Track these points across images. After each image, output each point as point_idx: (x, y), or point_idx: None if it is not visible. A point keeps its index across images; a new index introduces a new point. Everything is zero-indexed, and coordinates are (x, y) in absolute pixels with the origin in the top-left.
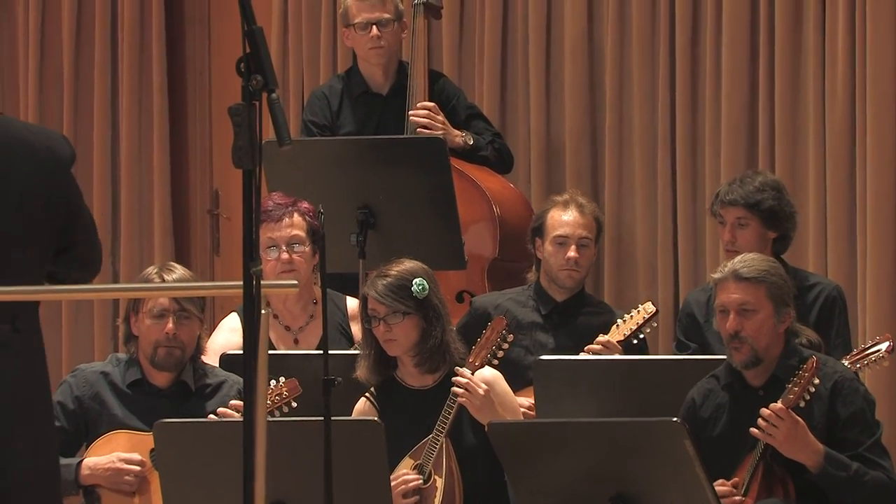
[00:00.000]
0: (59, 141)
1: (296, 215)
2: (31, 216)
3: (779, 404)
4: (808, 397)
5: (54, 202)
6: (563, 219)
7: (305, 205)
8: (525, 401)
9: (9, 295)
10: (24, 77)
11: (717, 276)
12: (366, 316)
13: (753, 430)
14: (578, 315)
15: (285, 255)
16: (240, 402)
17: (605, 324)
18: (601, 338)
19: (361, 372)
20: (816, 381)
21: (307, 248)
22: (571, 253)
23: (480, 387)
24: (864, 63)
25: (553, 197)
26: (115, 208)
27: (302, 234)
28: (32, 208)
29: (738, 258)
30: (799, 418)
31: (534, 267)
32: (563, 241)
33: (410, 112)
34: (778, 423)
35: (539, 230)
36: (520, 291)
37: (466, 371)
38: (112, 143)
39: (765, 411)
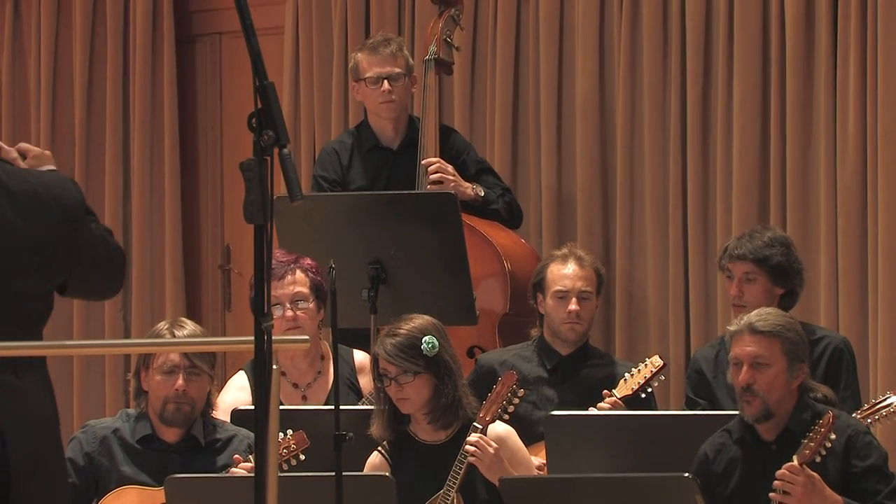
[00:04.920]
0: (68, 185)
1: (298, 272)
2: (46, 267)
3: (792, 462)
4: (823, 452)
5: (63, 247)
6: (563, 272)
7: (307, 261)
8: (536, 460)
9: (21, 350)
10: (35, 130)
11: (732, 328)
12: (378, 374)
13: (772, 494)
14: (583, 368)
15: (290, 313)
16: (247, 464)
17: (610, 376)
18: (608, 399)
19: (375, 429)
20: (833, 436)
21: (311, 305)
22: (573, 306)
23: (490, 445)
24: (875, 119)
25: (552, 252)
26: (126, 263)
27: (305, 290)
28: (47, 260)
29: (755, 312)
30: (814, 473)
31: (537, 322)
32: (563, 295)
33: (426, 170)
34: (793, 481)
35: (540, 285)
36: (524, 347)
37: (478, 427)
38: (123, 197)
39: (779, 473)
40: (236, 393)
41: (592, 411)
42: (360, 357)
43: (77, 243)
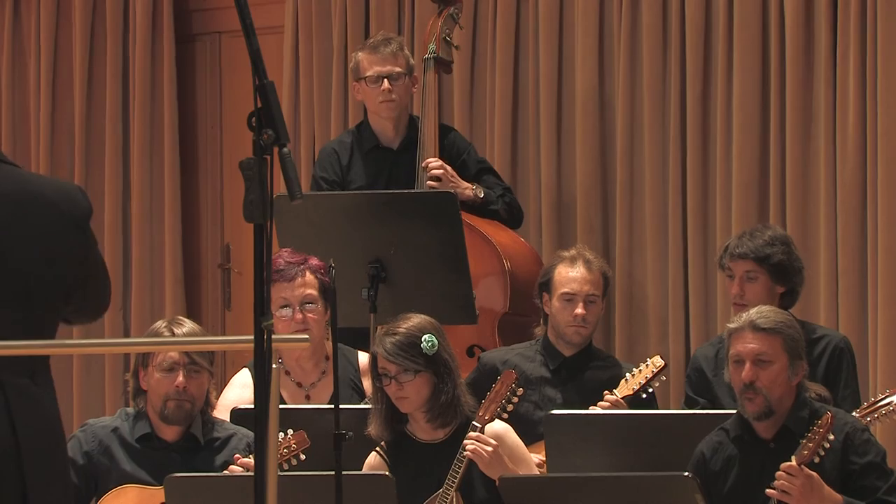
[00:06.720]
0: (77, 194)
1: (308, 273)
2: (53, 272)
3: (790, 462)
4: (822, 453)
5: (72, 257)
6: (571, 275)
7: (315, 262)
8: (536, 457)
9: (21, 349)
10: (35, 130)
11: (732, 325)
12: (376, 373)
13: (769, 491)
14: (586, 370)
15: (299, 316)
16: (247, 460)
17: (613, 378)
18: (609, 396)
19: (373, 428)
20: (831, 436)
21: (320, 307)
22: (579, 310)
23: (489, 443)
24: (875, 117)
25: (560, 252)
26: (125, 262)
27: (314, 292)
28: (53, 264)
29: (755, 310)
30: (813, 472)
31: (541, 321)
32: (570, 298)
33: (426, 169)
34: (791, 481)
35: (546, 285)
36: (527, 346)
37: (477, 426)
38: (123, 196)
39: (778, 473)
40: (239, 390)
41: (593, 410)
42: (364, 359)
43: (85, 249)
